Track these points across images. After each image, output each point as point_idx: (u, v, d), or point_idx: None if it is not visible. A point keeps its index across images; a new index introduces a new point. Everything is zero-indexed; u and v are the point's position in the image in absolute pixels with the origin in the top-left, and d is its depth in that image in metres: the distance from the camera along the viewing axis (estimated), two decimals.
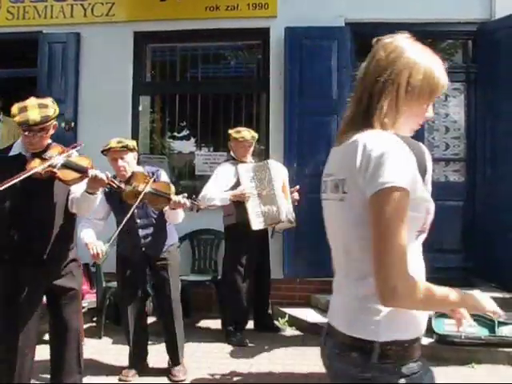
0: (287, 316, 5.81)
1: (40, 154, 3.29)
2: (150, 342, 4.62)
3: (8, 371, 3.31)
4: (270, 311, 5.65)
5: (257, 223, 5.14)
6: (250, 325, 5.54)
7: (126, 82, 6.51)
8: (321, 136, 5.94)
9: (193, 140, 7.15)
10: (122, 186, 3.32)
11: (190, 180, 6.95)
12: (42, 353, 3.71)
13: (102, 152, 4.18)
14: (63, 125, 6.45)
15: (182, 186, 6.92)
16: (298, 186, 5.35)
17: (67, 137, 6.44)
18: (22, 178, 3.10)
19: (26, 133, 3.25)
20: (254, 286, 5.40)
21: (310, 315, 5.73)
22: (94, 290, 5.86)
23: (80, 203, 3.39)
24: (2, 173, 3.26)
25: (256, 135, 5.38)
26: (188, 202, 3.99)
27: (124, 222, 3.92)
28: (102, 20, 6.49)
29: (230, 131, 5.35)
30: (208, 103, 6.74)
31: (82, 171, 3.22)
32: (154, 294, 4.57)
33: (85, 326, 5.65)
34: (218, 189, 5.16)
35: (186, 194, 4.04)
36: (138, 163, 4.39)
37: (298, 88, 6.01)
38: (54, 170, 3.21)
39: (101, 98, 6.42)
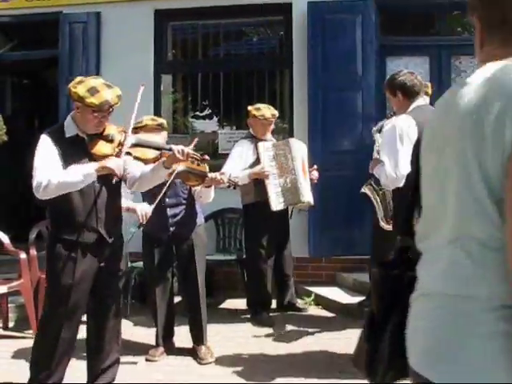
0: (313, 295, 5.76)
1: (99, 135, 3.21)
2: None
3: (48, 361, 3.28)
4: (292, 291, 5.60)
5: (277, 203, 5.07)
6: (273, 305, 5.50)
7: (148, 61, 6.45)
8: (345, 112, 5.85)
9: (215, 118, 7.08)
10: (206, 156, 3.48)
11: (213, 159, 6.86)
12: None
13: (134, 129, 4.12)
14: None
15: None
16: (315, 166, 5.25)
17: None
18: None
19: (96, 114, 3.11)
20: (275, 266, 5.35)
21: (336, 294, 5.68)
22: None
23: (150, 179, 3.35)
24: (62, 155, 3.16)
25: (276, 113, 5.25)
26: (225, 179, 3.95)
27: (158, 201, 3.84)
28: None
29: (250, 108, 5.24)
30: (230, 81, 6.66)
31: (163, 149, 3.24)
32: (180, 274, 4.55)
33: None
34: (237, 167, 5.08)
35: (223, 171, 3.99)
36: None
37: (321, 64, 5.90)
38: (128, 150, 3.18)
39: (122, 78, 6.30)
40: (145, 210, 3.89)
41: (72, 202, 3.19)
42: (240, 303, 5.75)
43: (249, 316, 5.33)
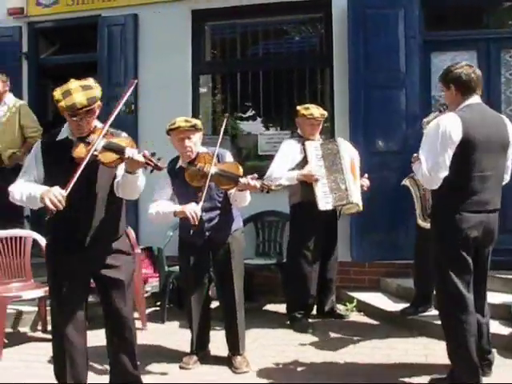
0: (355, 301, 5.56)
1: (85, 139, 3.16)
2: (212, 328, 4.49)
3: (62, 359, 3.31)
4: (333, 297, 5.40)
5: (324, 203, 4.89)
6: (313, 311, 5.32)
7: (186, 62, 6.39)
8: (388, 111, 5.63)
9: (255, 119, 6.93)
10: (160, 164, 3.14)
11: (253, 160, 6.77)
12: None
13: (168, 131, 4.04)
14: (123, 108, 6.40)
15: (245, 167, 6.76)
16: (366, 175, 5.06)
17: (128, 120, 6.42)
18: (77, 175, 3.01)
19: (74, 118, 3.12)
20: (319, 270, 5.16)
21: (379, 300, 5.46)
22: (158, 274, 5.82)
23: (122, 185, 3.25)
24: (50, 158, 3.23)
25: (325, 113, 5.12)
26: (258, 184, 3.78)
27: (202, 203, 3.80)
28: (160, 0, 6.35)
29: (299, 107, 5.11)
30: (270, 81, 6.51)
31: (121, 152, 3.06)
32: (216, 280, 4.42)
33: (148, 311, 5.66)
34: (283, 167, 4.96)
35: (255, 175, 3.83)
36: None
37: (362, 61, 5.68)
38: (96, 153, 3.09)
39: (160, 80, 6.33)
40: (194, 209, 3.78)
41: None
42: (280, 308, 5.61)
43: (288, 322, 5.15)
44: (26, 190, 3.16)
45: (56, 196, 2.95)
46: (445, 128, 3.35)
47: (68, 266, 3.29)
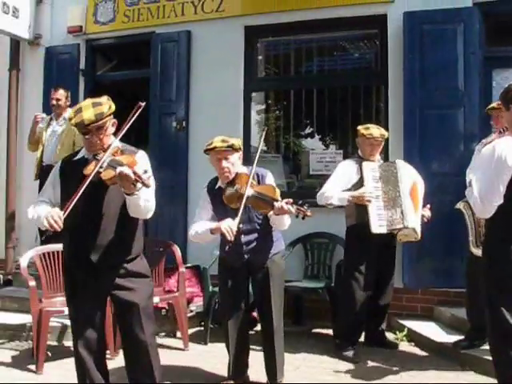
0: (406, 330, 5.28)
1: (96, 156, 3.15)
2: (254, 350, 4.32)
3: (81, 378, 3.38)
4: (384, 325, 5.15)
5: (377, 226, 4.68)
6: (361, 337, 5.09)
7: (238, 79, 6.32)
8: (445, 131, 5.38)
9: (308, 137, 6.77)
10: (148, 182, 3.06)
11: (304, 179, 6.63)
12: None
13: (205, 151, 3.96)
14: (174, 124, 6.42)
15: (296, 186, 6.63)
16: (428, 205, 4.81)
17: (179, 136, 6.42)
18: (79, 193, 3.03)
19: (86, 136, 3.16)
20: (372, 296, 4.92)
21: (431, 330, 5.16)
22: (203, 294, 5.74)
23: (128, 205, 3.20)
24: (67, 177, 3.28)
25: (386, 133, 4.94)
26: (293, 209, 3.62)
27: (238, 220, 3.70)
28: (213, 16, 6.34)
29: (359, 127, 4.95)
30: (324, 98, 6.35)
31: (116, 168, 3.01)
32: (255, 305, 4.29)
33: (192, 331, 5.57)
34: (338, 186, 4.81)
35: (290, 200, 3.67)
36: (250, 163, 4.04)
37: (418, 78, 5.46)
38: (101, 170, 3.06)
39: (212, 96, 6.29)
40: (229, 224, 3.68)
41: (69, 227, 3.18)
42: (328, 333, 5.43)
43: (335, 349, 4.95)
44: (36, 211, 3.23)
45: (53, 217, 3.00)
46: (501, 152, 3.09)
47: (80, 283, 3.29)
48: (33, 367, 4.69)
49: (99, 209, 3.21)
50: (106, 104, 3.17)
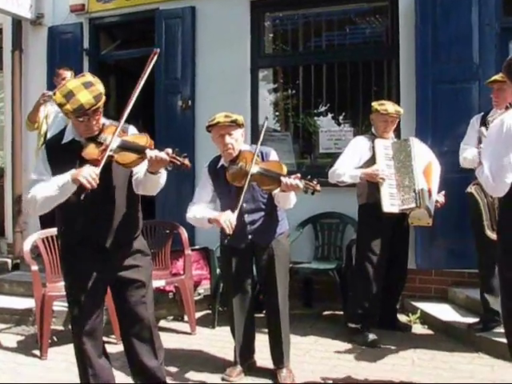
0: (419, 312, 5.13)
1: (95, 138, 2.99)
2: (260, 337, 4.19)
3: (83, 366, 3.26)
4: (397, 307, 5.01)
5: (389, 205, 4.53)
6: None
7: (245, 55, 6.13)
8: (459, 106, 5.16)
9: (317, 115, 6.57)
10: (186, 162, 2.91)
11: (313, 158, 6.45)
12: None
13: (208, 128, 3.81)
14: (180, 103, 6.26)
15: (305, 165, 6.46)
16: (444, 192, 4.65)
17: (185, 115, 6.26)
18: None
19: (81, 119, 2.94)
20: (385, 277, 4.76)
21: (445, 312, 5.01)
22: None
23: (145, 184, 3.06)
24: (58, 162, 3.03)
25: (401, 110, 4.75)
26: (301, 184, 3.47)
27: (239, 207, 3.60)
28: None
29: (373, 103, 4.79)
30: (333, 74, 6.14)
31: (140, 152, 2.88)
32: (259, 287, 4.16)
33: (200, 314, 5.48)
34: (350, 163, 4.67)
35: (298, 175, 3.52)
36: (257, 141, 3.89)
37: (431, 52, 5.22)
38: (111, 153, 2.91)
39: (218, 74, 6.12)
40: (229, 218, 3.57)
41: (69, 211, 3.07)
42: (338, 316, 5.30)
43: (346, 332, 4.82)
44: (51, 184, 2.96)
45: (90, 173, 2.80)
46: (510, 126, 2.92)
47: (86, 268, 3.15)
48: (37, 352, 4.64)
49: (107, 190, 3.07)
50: (98, 83, 2.97)
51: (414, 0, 5.29)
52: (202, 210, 3.82)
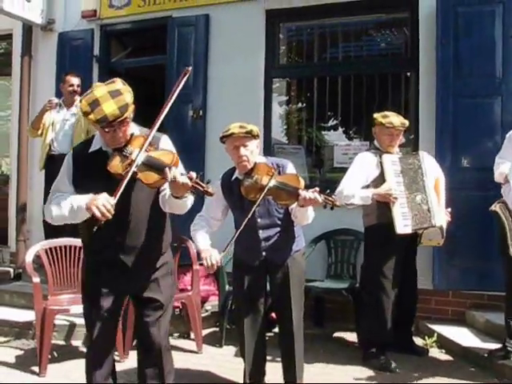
0: (436, 335, 4.91)
1: (122, 150, 2.80)
2: (269, 358, 3.96)
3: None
4: (411, 330, 4.79)
5: (402, 226, 4.29)
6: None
7: (258, 66, 5.97)
8: (481, 122, 4.99)
9: (332, 128, 6.39)
10: (210, 189, 2.71)
11: (328, 172, 6.26)
12: None
13: (221, 139, 3.63)
14: (191, 113, 6.11)
15: (318, 180, 6.28)
16: (449, 209, 4.43)
17: (196, 125, 6.11)
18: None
19: (107, 130, 2.76)
20: (397, 300, 4.52)
21: (463, 336, 4.79)
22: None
23: (170, 205, 2.88)
24: (82, 171, 2.89)
25: (406, 122, 4.51)
26: (320, 198, 3.28)
27: (244, 224, 3.40)
28: None
29: (376, 115, 4.54)
30: (349, 86, 5.96)
31: (161, 171, 2.67)
32: (273, 305, 3.95)
33: (207, 332, 5.27)
34: (358, 183, 4.39)
35: (317, 189, 3.33)
36: (270, 154, 3.71)
37: (452, 65, 5.05)
38: (135, 169, 2.72)
39: (231, 84, 5.97)
40: (213, 259, 3.43)
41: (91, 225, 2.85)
42: (351, 337, 5.09)
43: (359, 353, 4.59)
44: (66, 203, 2.82)
45: (104, 204, 2.62)
46: None
47: (106, 284, 2.97)
48: (36, 368, 4.43)
49: (129, 207, 2.89)
50: (127, 92, 2.77)
51: (435, 11, 5.13)
52: (201, 234, 3.68)
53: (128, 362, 4.45)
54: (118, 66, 6.92)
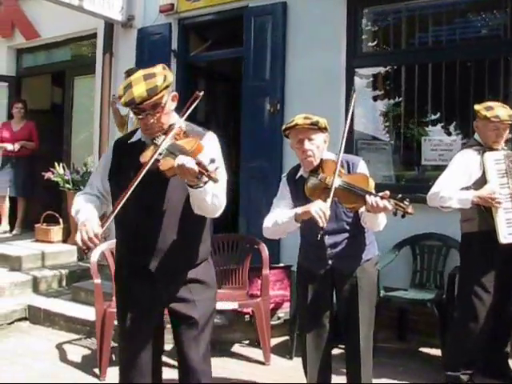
0: None
1: (155, 140, 2.59)
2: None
3: None
4: (508, 350, 4.18)
5: (506, 235, 3.74)
6: None
7: (339, 54, 5.55)
8: None
9: (421, 122, 5.79)
10: (215, 176, 2.37)
11: (415, 171, 5.72)
12: None
13: (285, 131, 3.29)
14: (268, 106, 5.80)
15: (405, 179, 5.75)
16: None
17: (273, 120, 5.79)
18: (133, 186, 2.47)
19: (140, 116, 2.58)
20: (495, 317, 3.95)
21: None
22: None
23: (192, 200, 2.58)
24: (120, 162, 2.75)
25: None
26: (389, 205, 2.86)
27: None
28: None
29: (478, 107, 3.95)
30: (440, 75, 5.37)
31: (176, 156, 2.41)
32: (340, 319, 3.54)
33: (279, 340, 4.96)
34: (456, 184, 3.85)
35: (387, 192, 2.91)
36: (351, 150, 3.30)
37: None
38: (160, 157, 2.48)
39: (310, 75, 5.62)
40: (320, 207, 2.94)
41: (120, 228, 2.74)
42: (436, 353, 4.58)
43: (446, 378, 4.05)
44: (77, 209, 2.73)
45: (88, 232, 2.45)
46: None
47: (133, 295, 2.74)
48: (97, 371, 4.31)
49: (158, 205, 2.64)
50: (161, 74, 2.57)
51: None
52: (282, 212, 3.27)
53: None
54: (196, 60, 6.74)
